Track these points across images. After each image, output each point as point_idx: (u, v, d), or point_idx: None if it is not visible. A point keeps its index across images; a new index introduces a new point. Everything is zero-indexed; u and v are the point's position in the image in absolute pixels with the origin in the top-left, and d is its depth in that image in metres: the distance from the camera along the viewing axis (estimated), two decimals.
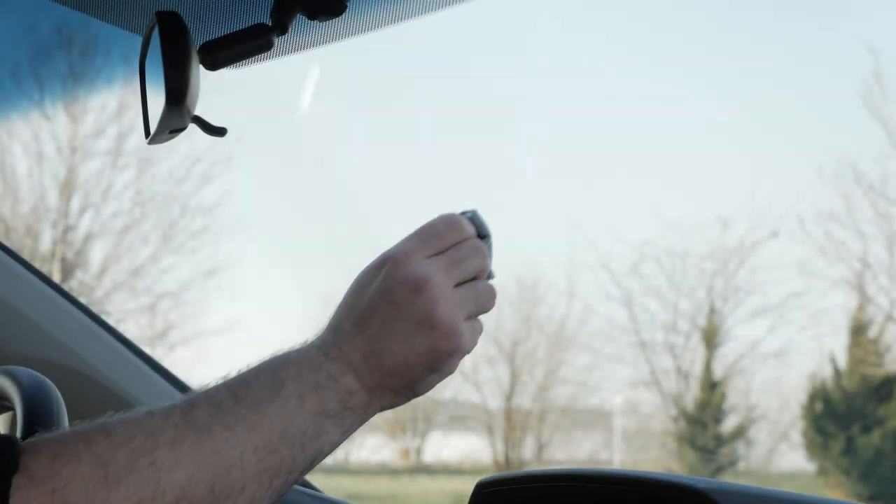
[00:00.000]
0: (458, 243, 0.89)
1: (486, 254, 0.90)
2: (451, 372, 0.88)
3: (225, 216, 13.90)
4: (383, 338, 0.85)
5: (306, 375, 0.84)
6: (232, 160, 12.11)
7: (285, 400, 0.82)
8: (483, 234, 0.92)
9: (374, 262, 0.88)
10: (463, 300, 0.87)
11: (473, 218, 0.92)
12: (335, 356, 0.85)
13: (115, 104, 11.56)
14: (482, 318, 0.91)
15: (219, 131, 0.98)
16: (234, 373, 0.84)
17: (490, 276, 0.92)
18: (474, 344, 0.89)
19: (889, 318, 11.06)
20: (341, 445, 0.87)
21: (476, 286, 0.89)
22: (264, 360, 0.85)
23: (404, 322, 0.85)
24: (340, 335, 0.86)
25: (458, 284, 0.88)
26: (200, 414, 0.80)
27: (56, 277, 10.76)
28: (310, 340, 0.87)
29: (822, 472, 10.80)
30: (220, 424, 0.80)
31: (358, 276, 0.89)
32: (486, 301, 0.90)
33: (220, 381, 0.83)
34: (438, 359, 0.86)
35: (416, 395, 0.88)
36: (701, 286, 12.28)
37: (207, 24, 1.07)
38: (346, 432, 0.86)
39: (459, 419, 13.46)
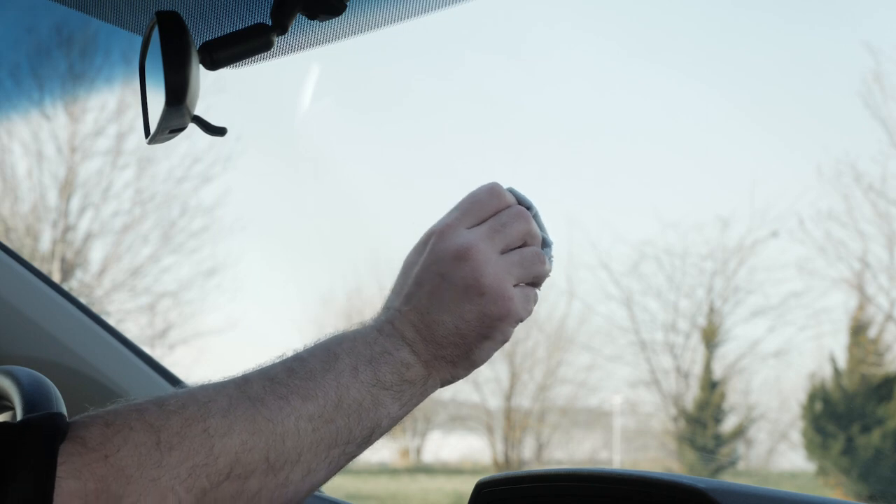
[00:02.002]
0: (499, 211, 0.89)
1: (528, 219, 0.90)
2: (505, 339, 0.88)
3: (225, 216, 13.92)
4: (433, 309, 0.85)
5: (360, 349, 0.84)
6: (231, 160, 12.11)
7: (339, 372, 0.82)
8: (525, 206, 0.92)
9: (419, 240, 0.89)
10: (509, 265, 0.87)
11: (512, 191, 0.92)
12: (388, 332, 0.86)
13: (115, 104, 11.57)
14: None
15: (219, 131, 0.98)
16: (289, 352, 0.85)
17: (546, 243, 0.92)
18: (528, 311, 0.90)
19: (889, 317, 11.05)
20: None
21: (522, 252, 0.89)
22: (319, 339, 0.85)
23: (452, 291, 0.85)
24: (392, 313, 0.87)
25: (505, 252, 0.88)
26: (254, 386, 0.80)
27: (56, 277, 10.76)
28: (366, 322, 0.88)
29: (821, 471, 10.79)
30: (273, 395, 0.80)
31: (406, 257, 0.90)
32: (533, 265, 0.89)
33: (274, 360, 0.84)
34: (490, 325, 0.86)
35: (474, 365, 0.88)
36: (701, 286, 12.29)
37: (207, 23, 1.07)
38: (406, 406, 0.86)
39: (459, 419, 13.46)
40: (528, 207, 0.92)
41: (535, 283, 0.91)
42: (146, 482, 0.74)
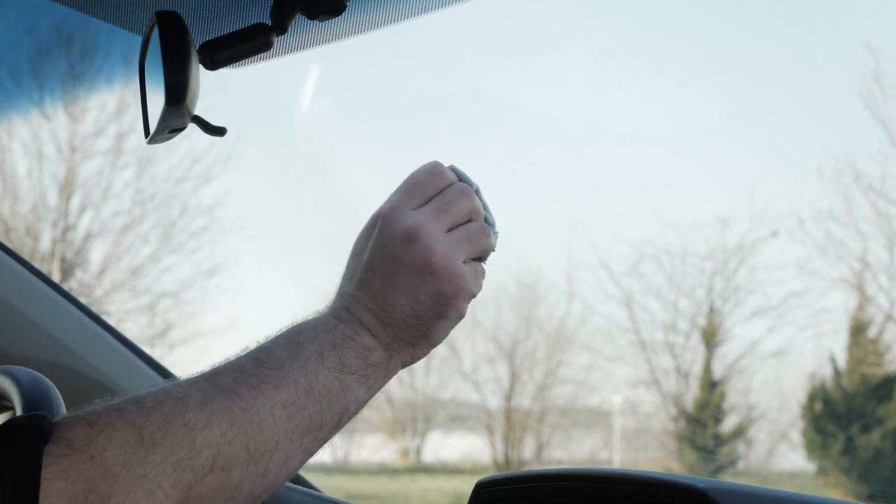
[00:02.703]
0: (443, 190, 0.90)
1: (472, 195, 0.91)
2: (460, 317, 0.89)
3: (225, 216, 13.92)
4: (387, 293, 0.86)
5: (323, 336, 0.85)
6: (231, 160, 12.11)
7: (306, 359, 0.83)
8: (467, 183, 0.92)
9: (366, 224, 0.90)
10: (458, 241, 0.88)
11: (454, 169, 0.93)
12: (346, 319, 0.86)
13: (115, 104, 11.57)
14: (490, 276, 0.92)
15: (218, 131, 0.98)
16: (252, 344, 0.85)
17: (488, 222, 0.93)
18: (479, 286, 0.90)
19: (889, 317, 11.05)
20: (332, 444, 0.89)
21: (468, 227, 0.90)
22: (280, 330, 0.86)
23: (404, 274, 0.86)
24: (347, 299, 0.88)
25: (452, 229, 0.89)
26: (225, 378, 0.81)
27: (56, 277, 10.76)
28: (321, 311, 0.88)
29: (821, 471, 10.79)
30: (245, 385, 0.81)
31: (354, 242, 0.91)
32: (480, 239, 0.90)
33: (239, 353, 0.85)
34: (445, 304, 0.87)
35: (433, 344, 0.89)
36: (700, 286, 12.28)
37: (207, 23, 1.07)
38: (371, 389, 0.87)
39: (459, 419, 13.46)
40: (469, 185, 0.92)
41: (482, 257, 0.92)
42: (133, 480, 0.74)
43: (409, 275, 0.86)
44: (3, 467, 0.72)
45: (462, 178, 0.92)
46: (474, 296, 0.90)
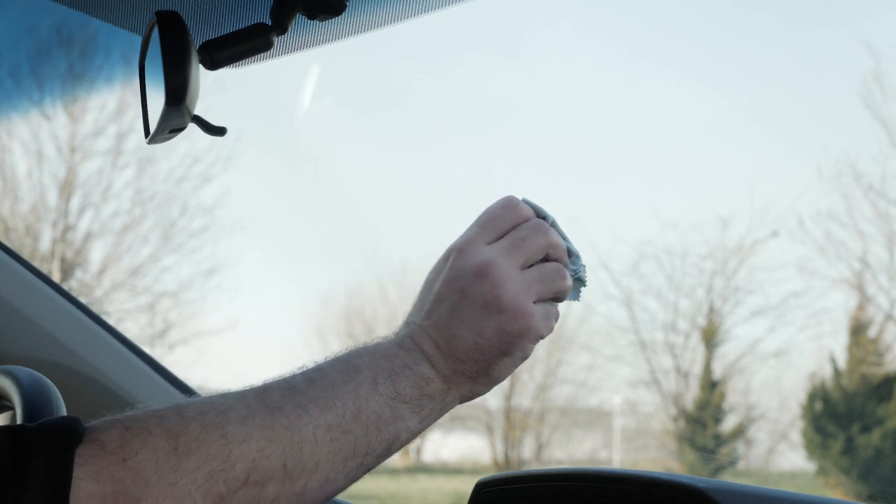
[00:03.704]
0: (517, 225, 0.89)
1: (547, 231, 0.90)
2: (525, 356, 0.88)
3: (225, 216, 13.92)
4: (453, 325, 0.86)
5: (381, 363, 0.84)
6: (231, 160, 12.11)
7: (359, 384, 0.83)
8: (541, 216, 0.91)
9: (441, 257, 0.90)
10: (529, 281, 0.87)
11: (527, 202, 0.91)
12: (408, 346, 0.86)
13: (115, 104, 11.57)
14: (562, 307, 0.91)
15: (218, 131, 0.98)
16: (310, 364, 0.85)
17: (571, 253, 0.92)
18: (549, 328, 0.89)
19: (889, 317, 11.05)
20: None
21: (542, 268, 0.89)
22: (339, 352, 0.86)
23: (471, 308, 0.86)
24: (412, 328, 0.87)
25: (525, 267, 0.88)
26: (273, 395, 0.81)
27: (56, 277, 10.76)
28: (386, 336, 0.88)
29: (821, 471, 10.79)
30: (292, 404, 0.80)
31: (428, 274, 0.90)
32: (554, 281, 0.89)
33: (295, 370, 0.84)
34: (510, 342, 0.86)
35: (494, 381, 0.88)
36: (700, 286, 12.29)
37: (207, 23, 1.07)
38: (425, 420, 0.86)
39: (459, 419, 13.45)
40: (544, 218, 0.91)
41: (557, 298, 0.90)
42: (163, 486, 0.74)
43: (476, 309, 0.85)
44: (36, 466, 0.72)
45: (537, 212, 0.91)
46: (542, 337, 0.89)
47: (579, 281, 0.94)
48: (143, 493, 0.74)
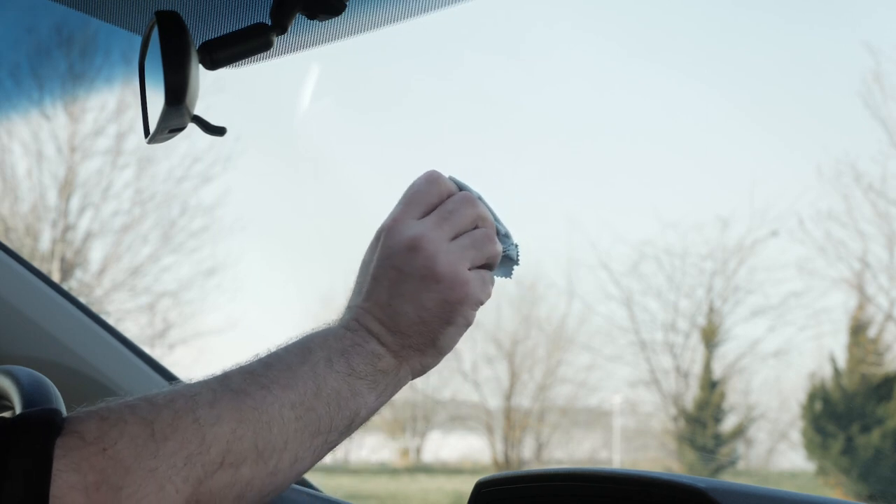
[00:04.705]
0: (444, 199, 0.91)
1: (475, 202, 0.92)
2: (468, 323, 0.90)
3: (225, 216, 13.92)
4: (394, 302, 0.88)
5: (332, 343, 0.87)
6: (231, 160, 12.11)
7: (315, 363, 0.85)
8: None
9: (372, 239, 0.92)
10: (461, 249, 0.89)
11: (453, 179, 0.93)
12: (354, 328, 0.88)
13: (115, 104, 11.57)
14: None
15: (218, 131, 0.98)
16: (263, 351, 0.87)
17: (500, 233, 0.93)
18: (487, 294, 0.91)
19: (889, 317, 11.05)
20: (340, 446, 0.89)
21: (472, 234, 0.91)
22: (290, 339, 0.88)
23: (409, 283, 0.88)
24: (355, 311, 0.89)
25: (456, 237, 0.90)
26: (235, 379, 0.83)
27: (56, 277, 10.76)
28: (330, 322, 0.90)
29: (821, 471, 10.79)
30: (255, 385, 0.82)
31: (363, 257, 0.92)
32: (485, 246, 0.91)
33: (250, 358, 0.86)
34: (451, 311, 0.88)
35: (442, 352, 0.91)
36: (700, 286, 12.29)
37: (207, 23, 1.07)
38: (381, 396, 0.88)
39: (459, 419, 13.46)
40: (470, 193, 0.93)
41: (490, 264, 0.92)
42: (144, 472, 0.75)
43: (414, 283, 0.88)
44: (16, 459, 0.73)
45: (461, 188, 0.93)
46: (482, 303, 0.91)
47: (509, 259, 0.96)
48: (125, 481, 0.75)
